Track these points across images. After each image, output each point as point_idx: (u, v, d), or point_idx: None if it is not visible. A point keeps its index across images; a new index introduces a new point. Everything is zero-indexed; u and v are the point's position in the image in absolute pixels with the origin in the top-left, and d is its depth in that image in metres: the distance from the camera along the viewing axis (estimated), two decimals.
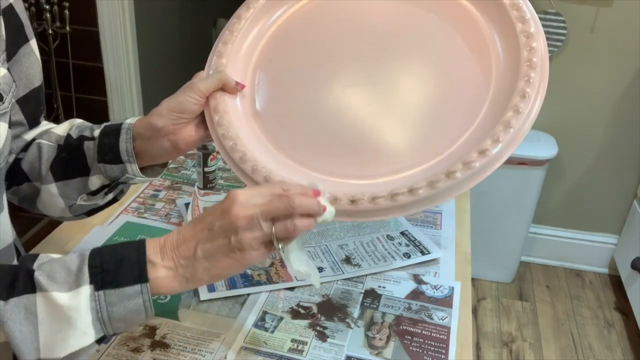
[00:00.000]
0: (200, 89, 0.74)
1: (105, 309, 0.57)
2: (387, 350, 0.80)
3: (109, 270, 0.57)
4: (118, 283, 0.57)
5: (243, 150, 0.72)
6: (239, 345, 0.79)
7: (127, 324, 0.59)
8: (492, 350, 1.97)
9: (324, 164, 0.72)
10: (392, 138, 0.72)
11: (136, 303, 0.58)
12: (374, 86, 0.75)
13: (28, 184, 0.78)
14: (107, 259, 0.58)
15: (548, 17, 1.93)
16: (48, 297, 0.55)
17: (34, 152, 0.77)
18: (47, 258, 0.59)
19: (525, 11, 0.71)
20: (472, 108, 0.70)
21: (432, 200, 0.64)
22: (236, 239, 0.59)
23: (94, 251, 0.59)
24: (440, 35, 0.77)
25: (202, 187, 1.14)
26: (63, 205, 0.77)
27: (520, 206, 2.11)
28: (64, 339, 0.56)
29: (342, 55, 0.79)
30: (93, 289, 0.56)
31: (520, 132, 0.65)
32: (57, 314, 0.55)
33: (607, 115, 2.09)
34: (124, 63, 2.15)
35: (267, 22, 0.83)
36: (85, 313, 0.56)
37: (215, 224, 0.60)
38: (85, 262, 0.57)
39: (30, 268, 0.57)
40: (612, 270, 2.32)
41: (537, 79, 0.67)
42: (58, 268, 0.57)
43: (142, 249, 0.59)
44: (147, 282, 0.58)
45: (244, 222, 0.59)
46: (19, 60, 0.73)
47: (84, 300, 0.56)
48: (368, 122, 0.73)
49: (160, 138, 0.73)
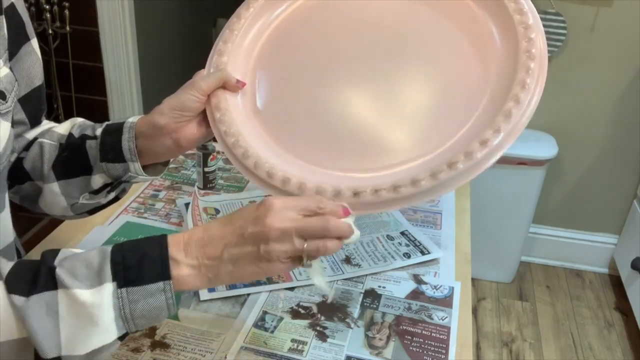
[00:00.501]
0: (202, 87, 0.74)
1: (128, 306, 0.56)
2: (387, 350, 0.80)
3: (132, 267, 0.57)
4: (141, 280, 0.56)
5: (245, 147, 0.72)
6: (239, 345, 0.79)
7: (150, 321, 0.58)
8: (492, 350, 1.97)
9: (325, 157, 0.72)
10: (393, 131, 0.72)
11: (159, 300, 0.57)
12: (374, 81, 0.76)
13: (30, 183, 0.78)
14: (129, 256, 0.57)
15: (548, 17, 1.93)
16: (70, 294, 0.55)
17: (35, 151, 0.77)
18: (68, 253, 0.58)
19: (523, 3, 0.72)
20: (473, 99, 0.70)
21: (434, 191, 0.65)
22: (266, 249, 0.58)
23: (116, 247, 0.58)
24: (439, 29, 0.77)
25: (202, 187, 1.14)
26: (65, 204, 0.77)
27: (520, 206, 2.11)
28: (86, 336, 0.55)
29: (342, 51, 0.79)
30: (116, 287, 0.56)
31: (521, 122, 0.66)
32: (78, 311, 0.55)
33: (607, 115, 2.09)
34: (124, 63, 2.15)
35: (268, 20, 0.83)
36: (108, 310, 0.56)
37: (246, 229, 0.59)
38: (108, 259, 0.57)
39: (52, 264, 0.56)
40: (612, 270, 2.32)
41: (536, 70, 0.68)
42: (79, 264, 0.57)
43: (165, 245, 0.59)
44: (170, 280, 0.57)
45: (276, 234, 0.58)
46: (21, 59, 0.73)
47: (106, 298, 0.55)
48: (369, 115, 0.74)
49: (163, 136, 0.73)
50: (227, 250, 0.59)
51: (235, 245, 0.59)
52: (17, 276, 0.56)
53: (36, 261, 0.58)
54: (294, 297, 0.88)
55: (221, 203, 1.08)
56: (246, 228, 0.59)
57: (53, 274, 0.56)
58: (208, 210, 1.05)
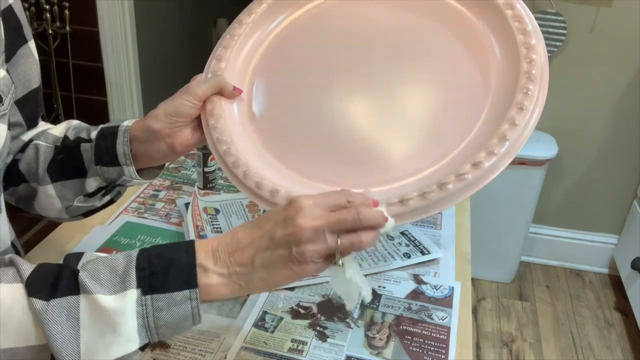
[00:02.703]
0: (197, 92, 0.73)
1: (152, 315, 0.54)
2: (387, 350, 0.80)
3: (157, 274, 0.54)
4: (166, 287, 0.54)
5: (236, 155, 0.71)
6: (238, 345, 0.79)
7: (173, 331, 0.56)
8: (492, 350, 1.97)
9: (319, 171, 0.71)
10: (389, 146, 0.71)
11: (184, 309, 0.55)
12: (372, 94, 0.75)
13: (25, 185, 0.78)
14: (155, 262, 0.55)
15: (548, 17, 1.93)
16: (92, 300, 0.53)
17: (31, 153, 0.77)
18: (92, 257, 0.57)
19: (527, 23, 0.70)
20: (470, 117, 0.69)
21: (423, 211, 0.63)
22: (298, 250, 0.56)
23: (142, 252, 0.56)
24: (440, 43, 0.76)
25: (202, 187, 1.14)
26: (60, 206, 0.77)
27: (520, 206, 2.11)
28: (107, 345, 0.53)
29: (341, 63, 0.78)
30: (140, 293, 0.54)
31: (516, 145, 0.64)
32: (100, 317, 0.53)
33: (607, 115, 2.09)
34: (124, 63, 2.15)
35: (268, 28, 0.83)
36: (131, 318, 0.54)
37: (276, 232, 0.57)
38: (133, 264, 0.55)
39: (75, 268, 0.55)
40: (612, 270, 2.32)
41: (535, 91, 0.66)
42: (103, 269, 0.55)
43: (192, 252, 0.57)
44: (197, 288, 0.55)
45: (308, 234, 0.56)
46: (18, 61, 0.73)
47: (129, 305, 0.53)
48: (365, 130, 0.73)
49: (157, 141, 0.73)
50: (258, 255, 0.57)
51: (266, 249, 0.57)
52: (39, 279, 0.54)
53: (58, 264, 0.56)
54: (294, 297, 0.88)
55: (221, 203, 1.08)
56: (276, 231, 0.57)
57: (76, 277, 0.54)
58: (208, 210, 1.05)
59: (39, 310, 0.52)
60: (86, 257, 0.57)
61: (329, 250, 0.57)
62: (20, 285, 0.54)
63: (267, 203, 0.68)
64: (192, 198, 1.08)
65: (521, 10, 0.72)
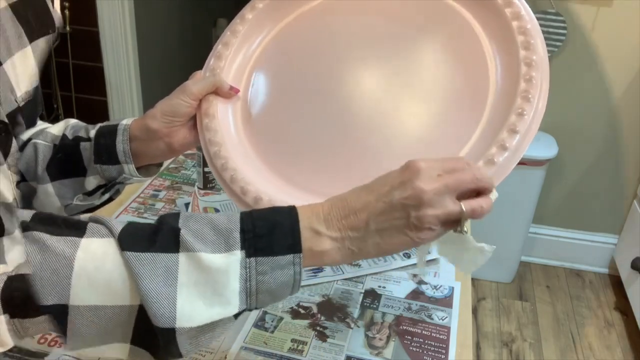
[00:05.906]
0: (193, 91, 0.73)
1: (255, 278, 0.52)
2: (387, 350, 0.80)
3: (262, 236, 0.52)
4: (271, 250, 0.52)
5: (226, 157, 0.70)
6: (238, 345, 0.79)
7: (273, 298, 0.54)
8: (492, 350, 1.97)
9: (309, 180, 0.69)
10: (381, 158, 0.68)
11: (287, 274, 0.53)
12: (366, 102, 0.73)
13: (24, 184, 0.78)
14: (259, 224, 0.53)
15: (548, 17, 1.93)
16: (194, 258, 0.51)
17: (29, 152, 0.77)
18: (193, 215, 0.54)
19: (532, 35, 0.68)
20: (468, 127, 0.67)
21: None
22: (417, 215, 0.53)
23: (245, 214, 0.54)
24: (440, 54, 0.74)
25: (202, 187, 1.14)
26: (59, 205, 0.77)
27: (520, 206, 2.11)
28: (206, 306, 0.51)
29: (340, 67, 0.76)
30: (244, 255, 0.52)
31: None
32: (202, 276, 0.51)
33: (607, 115, 2.09)
34: (124, 63, 2.15)
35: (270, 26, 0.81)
36: (234, 280, 0.51)
37: (394, 196, 0.54)
38: (237, 225, 0.53)
39: (175, 225, 0.52)
40: (612, 270, 2.32)
41: (530, 113, 0.64)
42: (206, 228, 0.53)
43: (295, 215, 0.54)
44: (301, 253, 0.53)
45: (428, 197, 0.53)
46: None
47: (233, 265, 0.51)
48: (362, 140, 0.70)
49: (156, 140, 0.73)
50: (373, 219, 0.54)
51: (382, 213, 0.54)
52: (133, 234, 0.52)
53: (151, 224, 0.54)
54: (294, 297, 0.88)
55: (221, 203, 1.08)
56: (393, 194, 0.54)
57: (176, 235, 0.51)
58: (208, 210, 1.05)
59: (133, 264, 0.50)
60: (185, 215, 0.54)
61: (449, 215, 0.54)
62: (112, 239, 0.52)
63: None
64: (192, 198, 1.08)
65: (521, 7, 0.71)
